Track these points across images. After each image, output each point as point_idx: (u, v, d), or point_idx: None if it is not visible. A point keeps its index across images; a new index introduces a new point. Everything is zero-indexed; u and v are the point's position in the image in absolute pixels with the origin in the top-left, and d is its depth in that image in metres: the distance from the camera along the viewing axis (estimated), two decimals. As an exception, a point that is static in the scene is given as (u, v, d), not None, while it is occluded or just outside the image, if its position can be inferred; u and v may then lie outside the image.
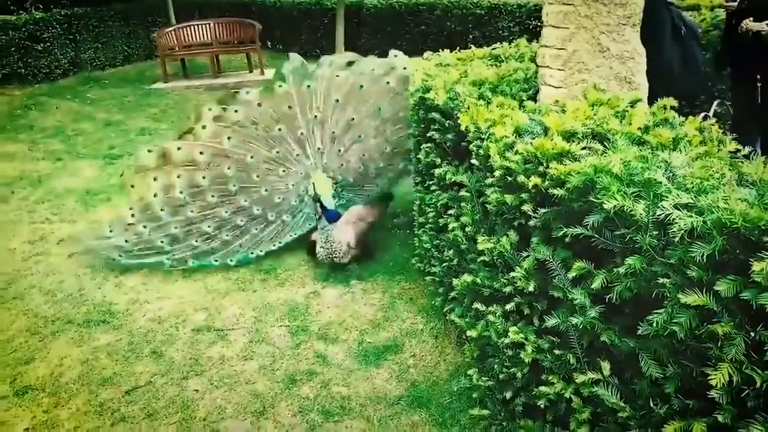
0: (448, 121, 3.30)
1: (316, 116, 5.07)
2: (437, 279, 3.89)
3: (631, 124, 2.38)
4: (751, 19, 4.33)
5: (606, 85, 3.03)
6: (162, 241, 4.83)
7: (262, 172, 5.00)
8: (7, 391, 3.50)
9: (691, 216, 1.62)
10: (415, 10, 12.15)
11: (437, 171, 3.44)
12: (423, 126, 3.88)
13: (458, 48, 4.90)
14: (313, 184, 4.63)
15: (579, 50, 3.04)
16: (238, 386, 3.48)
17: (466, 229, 3.06)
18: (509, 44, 4.77)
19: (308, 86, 5.04)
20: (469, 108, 2.96)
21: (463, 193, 3.07)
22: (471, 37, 10.67)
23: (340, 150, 5.18)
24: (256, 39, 12.78)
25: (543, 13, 3.13)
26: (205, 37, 12.85)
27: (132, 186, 4.98)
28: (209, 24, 13.05)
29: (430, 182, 3.79)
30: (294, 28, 15.22)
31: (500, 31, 10.58)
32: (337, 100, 5.07)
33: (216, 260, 4.89)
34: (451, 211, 3.36)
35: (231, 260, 4.91)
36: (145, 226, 4.83)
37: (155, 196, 4.82)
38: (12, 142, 8.79)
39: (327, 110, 5.10)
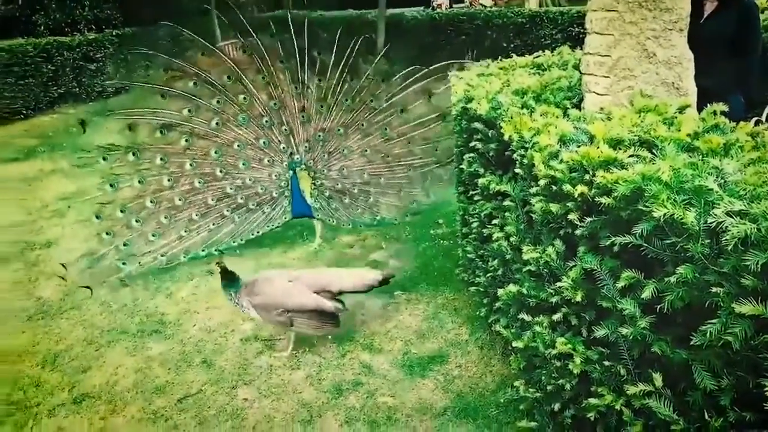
0: (490, 131, 3.30)
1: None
2: (481, 289, 3.87)
3: (680, 130, 2.34)
4: None
5: (653, 92, 2.97)
6: (153, 235, 4.97)
7: (248, 158, 5.26)
8: (66, 398, 3.64)
9: (744, 223, 1.58)
10: (456, 21, 12.17)
11: (480, 181, 3.44)
12: (465, 136, 3.88)
13: (500, 57, 4.90)
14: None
15: (624, 57, 2.99)
16: (286, 395, 3.54)
17: (511, 239, 3.05)
18: (552, 52, 4.74)
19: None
20: (512, 117, 2.95)
21: (507, 202, 3.06)
22: (512, 45, 10.62)
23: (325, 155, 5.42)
24: (298, 53, 13.01)
25: (586, 20, 3.11)
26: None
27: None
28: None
29: (474, 192, 3.79)
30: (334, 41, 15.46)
31: (542, 39, 10.50)
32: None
33: (203, 250, 5.14)
34: (495, 221, 3.35)
35: (216, 250, 5.13)
36: (137, 220, 4.93)
37: (140, 182, 4.97)
38: (68, 159, 9.15)
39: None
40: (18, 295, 4.93)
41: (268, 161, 5.32)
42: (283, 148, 5.33)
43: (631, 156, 2.17)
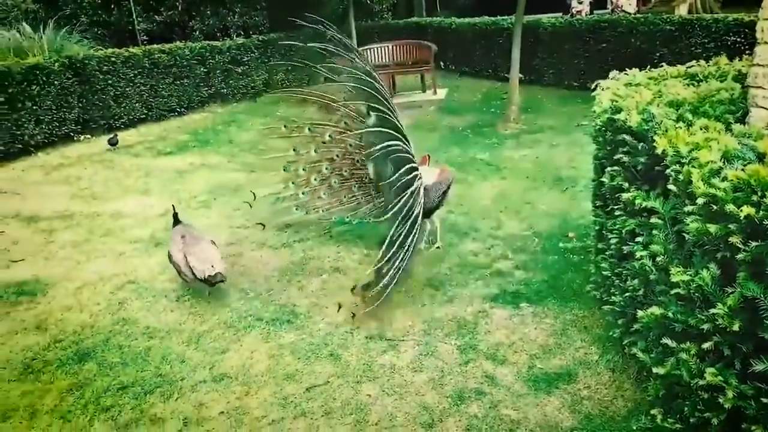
0: (640, 144, 3.13)
1: None
2: (617, 309, 3.69)
3: None
4: None
5: (833, 108, 2.70)
6: (324, 194, 5.98)
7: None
8: (207, 376, 3.93)
9: None
10: (597, 28, 11.69)
11: (624, 195, 3.28)
12: (609, 148, 3.73)
13: (649, 66, 4.65)
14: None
15: (800, 69, 2.74)
16: (408, 396, 3.58)
17: (657, 259, 2.88)
18: (706, 62, 4.44)
19: None
20: (666, 130, 2.79)
21: (654, 220, 2.90)
22: (658, 54, 10.01)
23: None
24: (431, 60, 13.15)
25: (757, 29, 2.88)
26: (384, 59, 13.50)
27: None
28: (388, 46, 13.69)
29: (615, 207, 3.62)
30: (468, 48, 15.43)
31: (692, 48, 9.80)
32: None
33: (347, 218, 5.97)
34: (638, 239, 3.18)
35: (340, 218, 6.01)
36: (315, 179, 5.96)
37: (315, 151, 5.89)
38: (215, 154, 9.90)
39: None
40: (169, 277, 5.39)
41: None
42: None
43: (808, 177, 1.99)
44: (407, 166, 4.96)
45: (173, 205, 5.67)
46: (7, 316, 4.83)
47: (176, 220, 5.39)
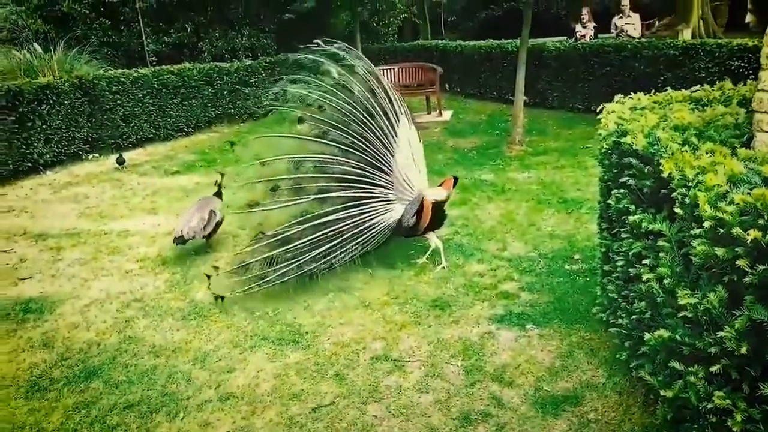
0: (647, 167, 3.16)
1: None
2: (624, 332, 3.69)
3: None
4: None
5: (838, 133, 2.72)
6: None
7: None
8: (213, 395, 3.93)
9: None
10: (601, 52, 11.80)
11: (631, 218, 3.30)
12: (615, 171, 3.75)
13: (653, 91, 4.70)
14: None
15: (804, 94, 2.78)
16: (414, 417, 3.57)
17: (664, 281, 2.88)
18: (710, 87, 4.48)
19: None
20: (672, 154, 2.82)
21: (661, 242, 2.91)
22: (662, 78, 10.09)
23: None
24: (437, 82, 13.28)
25: (762, 54, 2.92)
26: (390, 81, 13.63)
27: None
28: (394, 69, 13.84)
29: (621, 229, 3.64)
30: (474, 71, 15.58)
31: (696, 73, 9.87)
32: None
33: None
34: (645, 261, 3.19)
35: None
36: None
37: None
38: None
39: None
40: (175, 295, 5.42)
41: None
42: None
43: (814, 202, 2.01)
44: (327, 175, 5.54)
45: (222, 176, 6.86)
46: (15, 333, 4.85)
47: (217, 192, 6.58)
